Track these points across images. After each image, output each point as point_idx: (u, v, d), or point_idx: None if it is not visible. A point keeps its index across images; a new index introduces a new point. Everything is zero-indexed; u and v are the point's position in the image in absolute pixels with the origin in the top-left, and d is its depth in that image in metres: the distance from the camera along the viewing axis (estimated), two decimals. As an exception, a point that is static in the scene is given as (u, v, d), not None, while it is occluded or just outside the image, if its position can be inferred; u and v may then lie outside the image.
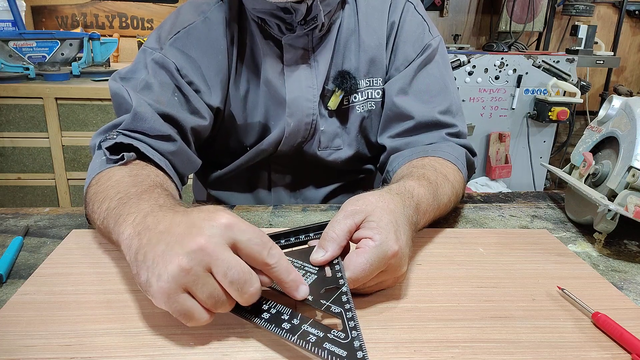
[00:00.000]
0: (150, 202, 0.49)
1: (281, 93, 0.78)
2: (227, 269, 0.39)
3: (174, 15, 0.80)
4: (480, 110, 2.35)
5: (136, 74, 0.74)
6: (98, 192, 0.57)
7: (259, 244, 0.41)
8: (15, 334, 0.43)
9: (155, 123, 0.67)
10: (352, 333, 0.39)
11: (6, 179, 1.92)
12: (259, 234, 0.42)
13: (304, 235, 0.53)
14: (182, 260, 0.39)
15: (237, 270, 0.40)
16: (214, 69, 0.76)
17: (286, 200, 0.90)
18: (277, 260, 0.42)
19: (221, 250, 0.40)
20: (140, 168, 0.62)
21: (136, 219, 0.46)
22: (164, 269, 0.40)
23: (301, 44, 0.77)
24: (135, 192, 0.53)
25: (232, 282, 0.40)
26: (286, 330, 0.40)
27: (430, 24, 0.83)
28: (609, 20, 2.91)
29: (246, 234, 0.41)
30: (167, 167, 0.68)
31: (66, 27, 2.47)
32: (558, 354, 0.43)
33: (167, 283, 0.39)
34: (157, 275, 0.40)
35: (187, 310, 0.40)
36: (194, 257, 0.39)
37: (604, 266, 0.61)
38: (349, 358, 0.37)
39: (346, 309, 0.42)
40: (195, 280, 0.39)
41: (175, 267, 0.39)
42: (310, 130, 0.81)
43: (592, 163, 0.71)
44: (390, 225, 0.48)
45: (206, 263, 0.39)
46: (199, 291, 0.40)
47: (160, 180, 0.61)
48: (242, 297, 0.41)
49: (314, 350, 0.38)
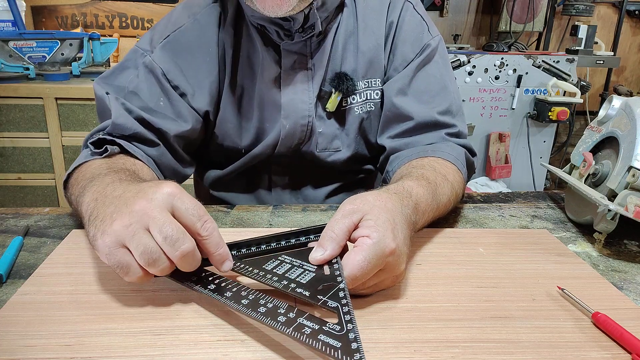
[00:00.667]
0: (113, 177, 0.55)
1: (277, 96, 0.78)
2: (162, 225, 0.43)
3: (167, 16, 0.81)
4: (480, 110, 2.35)
5: (124, 72, 0.76)
6: (77, 177, 0.63)
7: (194, 215, 0.45)
8: (15, 334, 0.43)
9: (135, 130, 0.71)
10: (347, 326, 0.39)
11: (6, 179, 1.92)
12: (197, 207, 0.46)
13: (304, 238, 0.53)
14: (123, 218, 0.44)
15: (171, 227, 0.43)
16: (202, 72, 0.77)
17: (287, 200, 0.90)
18: (209, 233, 0.46)
19: (160, 211, 0.44)
20: (118, 158, 0.67)
21: (97, 189, 0.52)
22: (109, 226, 0.44)
23: (299, 50, 0.77)
24: (105, 172, 0.58)
25: (166, 238, 0.43)
26: (282, 323, 0.40)
27: (429, 23, 0.83)
28: (609, 20, 2.91)
29: (185, 204, 0.45)
30: (150, 162, 0.71)
31: (66, 27, 2.47)
32: (558, 354, 0.43)
33: (108, 237, 0.44)
34: (102, 230, 0.45)
35: (123, 264, 0.44)
36: (134, 216, 0.44)
37: (604, 266, 0.61)
38: (343, 349, 0.37)
39: (343, 304, 0.42)
40: (133, 235, 0.43)
41: (117, 224, 0.44)
42: (306, 132, 0.81)
43: (592, 163, 0.71)
44: (387, 223, 0.48)
45: (144, 222, 0.44)
46: (134, 247, 0.43)
47: (134, 168, 0.65)
48: (175, 255, 0.44)
49: (308, 341, 0.38)
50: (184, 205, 0.45)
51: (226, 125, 0.82)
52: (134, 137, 0.71)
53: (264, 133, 0.82)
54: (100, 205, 0.49)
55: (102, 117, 0.74)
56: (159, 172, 0.73)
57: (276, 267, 0.48)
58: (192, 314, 0.47)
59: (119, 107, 0.71)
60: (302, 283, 0.45)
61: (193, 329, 0.45)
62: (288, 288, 0.45)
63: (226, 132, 0.83)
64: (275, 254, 0.51)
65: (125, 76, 0.75)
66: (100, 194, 0.51)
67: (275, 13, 0.68)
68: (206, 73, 0.77)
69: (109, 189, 0.51)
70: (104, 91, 0.73)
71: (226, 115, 0.81)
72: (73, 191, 0.62)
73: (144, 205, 0.44)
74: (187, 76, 0.76)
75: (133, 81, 0.74)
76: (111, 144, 0.68)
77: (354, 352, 0.36)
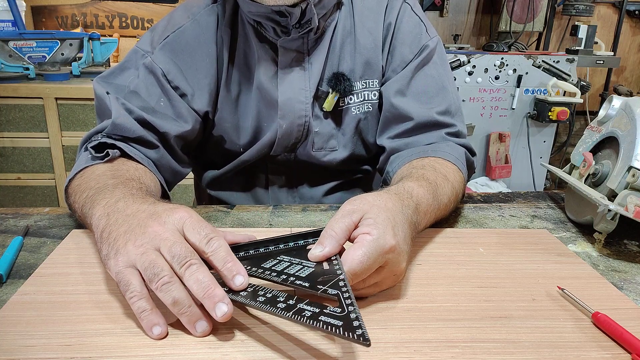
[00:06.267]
0: (123, 191, 0.55)
1: (273, 95, 0.78)
2: (172, 245, 0.44)
3: (167, 16, 0.81)
4: (480, 110, 2.35)
5: (124, 73, 0.76)
6: (81, 184, 0.62)
7: (200, 234, 0.46)
8: (15, 334, 0.43)
9: (135, 131, 0.71)
10: (348, 308, 0.39)
11: (6, 179, 1.92)
12: (203, 227, 0.46)
13: (302, 241, 0.53)
14: (136, 239, 0.45)
15: (180, 246, 0.44)
16: (201, 73, 0.77)
17: (283, 199, 0.90)
18: (213, 249, 0.45)
19: (171, 233, 0.45)
20: (121, 164, 0.66)
21: (108, 203, 0.52)
22: (123, 246, 0.45)
23: (296, 47, 0.77)
24: (112, 183, 0.58)
25: (174, 256, 0.44)
26: (282, 309, 0.40)
27: (427, 24, 0.83)
28: (609, 20, 2.91)
29: (193, 225, 0.46)
30: (150, 165, 0.71)
31: (66, 27, 2.47)
32: (558, 354, 0.43)
33: (121, 257, 0.45)
34: (115, 250, 0.46)
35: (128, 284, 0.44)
36: (146, 237, 0.45)
37: (604, 266, 0.61)
38: (345, 327, 0.37)
39: (343, 291, 0.41)
40: (142, 255, 0.44)
41: (130, 245, 0.45)
42: (303, 131, 0.81)
43: (592, 163, 0.71)
44: (387, 221, 0.48)
45: (156, 243, 0.45)
46: (141, 263, 0.44)
47: (138, 175, 0.64)
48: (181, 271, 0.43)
49: (309, 322, 0.38)
50: (192, 226, 0.46)
51: (224, 124, 0.82)
52: (133, 139, 0.71)
53: (261, 132, 0.83)
54: (112, 222, 0.49)
55: (101, 116, 0.74)
56: (159, 175, 0.73)
57: (275, 265, 0.48)
58: (192, 314, 0.47)
59: (119, 107, 0.71)
60: (301, 276, 0.45)
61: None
62: (287, 281, 0.45)
63: (224, 132, 0.83)
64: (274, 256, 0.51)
65: (126, 76, 0.75)
66: (112, 209, 0.51)
67: (276, 1, 0.68)
68: (205, 73, 0.77)
69: (120, 205, 0.51)
70: (104, 90, 0.73)
71: (224, 114, 0.81)
72: (77, 199, 0.61)
73: (157, 229, 0.45)
74: (186, 77, 0.76)
75: (133, 81, 0.74)
76: (111, 147, 0.67)
77: (356, 329, 0.36)
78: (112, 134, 0.70)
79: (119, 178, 0.60)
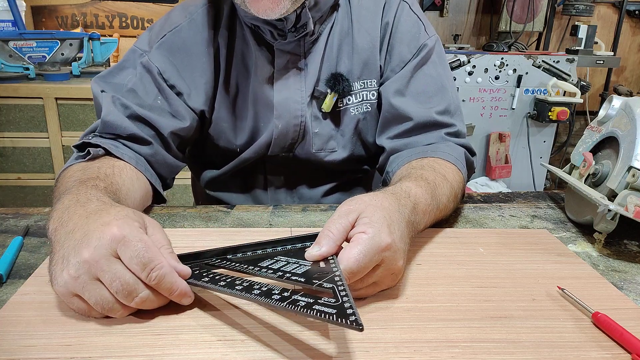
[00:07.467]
0: (76, 195, 0.53)
1: (270, 96, 0.79)
2: (111, 280, 0.43)
3: (165, 16, 0.81)
4: (480, 110, 2.35)
5: (122, 72, 0.77)
6: (58, 186, 0.62)
7: (138, 264, 0.43)
8: (15, 334, 0.43)
9: (126, 128, 0.71)
10: (343, 299, 0.39)
11: (6, 179, 1.92)
12: (140, 255, 0.43)
13: (300, 244, 0.53)
14: (70, 269, 0.43)
15: (120, 282, 0.43)
16: (198, 72, 0.77)
17: (282, 199, 0.90)
18: (157, 282, 0.44)
19: (105, 261, 0.43)
20: (97, 162, 0.65)
21: (57, 214, 0.51)
22: (60, 274, 0.44)
23: (292, 50, 0.77)
24: (72, 184, 0.57)
25: (117, 292, 0.43)
26: (277, 300, 0.41)
27: (426, 23, 0.82)
28: (609, 20, 2.91)
29: (128, 252, 0.43)
30: (140, 162, 0.71)
31: (66, 27, 2.47)
32: (558, 354, 0.43)
33: (60, 287, 0.44)
34: (55, 277, 0.45)
35: (82, 311, 0.45)
36: (80, 268, 0.43)
37: (604, 266, 0.61)
38: (339, 314, 0.37)
39: (338, 285, 0.42)
40: (83, 287, 0.43)
41: (65, 275, 0.43)
42: (299, 131, 0.81)
43: (592, 163, 0.71)
44: (382, 219, 0.48)
45: (93, 273, 0.43)
46: (87, 297, 0.44)
47: (107, 172, 0.63)
48: (130, 305, 0.44)
49: (303, 311, 0.38)
50: (127, 253, 0.43)
51: (221, 124, 0.82)
52: (126, 137, 0.71)
53: (258, 132, 0.83)
54: (55, 241, 0.48)
55: (99, 115, 0.74)
56: (150, 173, 0.72)
57: (272, 264, 0.49)
58: (192, 313, 0.47)
59: (110, 104, 0.71)
60: (298, 273, 0.45)
61: (193, 328, 0.45)
62: (283, 277, 0.45)
63: (221, 132, 0.83)
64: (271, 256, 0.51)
65: (124, 75, 0.76)
66: (59, 222, 0.49)
67: (269, 16, 0.68)
68: (202, 72, 0.77)
69: (65, 216, 0.49)
70: (100, 89, 0.74)
71: (221, 114, 0.81)
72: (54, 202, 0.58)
73: (88, 256, 0.43)
74: (183, 76, 0.77)
75: (131, 80, 0.75)
76: (96, 146, 0.67)
77: (349, 315, 0.37)
78: (103, 133, 0.71)
79: (81, 179, 0.58)
